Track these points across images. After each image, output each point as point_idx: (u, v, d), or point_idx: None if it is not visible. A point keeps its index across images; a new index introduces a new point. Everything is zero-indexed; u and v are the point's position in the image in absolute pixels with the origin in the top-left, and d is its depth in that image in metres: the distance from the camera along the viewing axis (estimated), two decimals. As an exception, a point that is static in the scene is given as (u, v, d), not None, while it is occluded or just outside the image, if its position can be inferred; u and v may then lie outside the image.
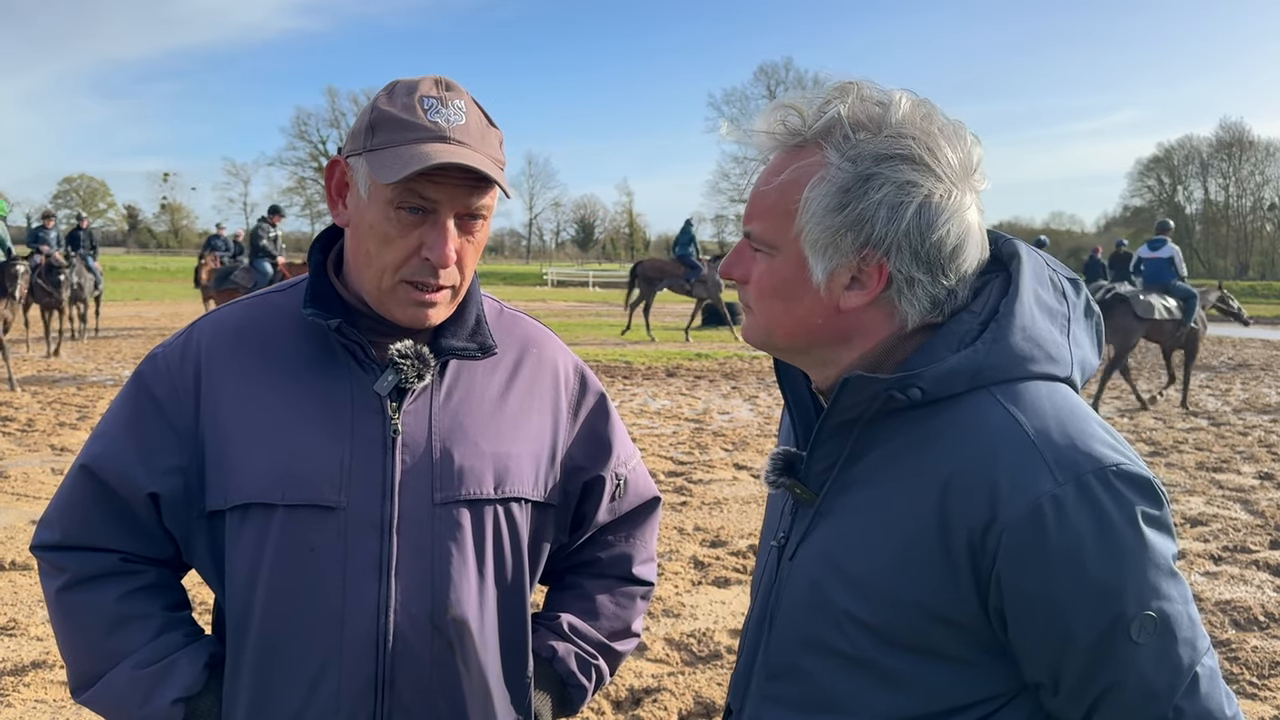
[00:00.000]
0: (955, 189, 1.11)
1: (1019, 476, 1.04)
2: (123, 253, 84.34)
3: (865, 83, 1.14)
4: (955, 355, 1.10)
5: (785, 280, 1.16)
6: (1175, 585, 1.06)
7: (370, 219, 1.36)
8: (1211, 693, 1.07)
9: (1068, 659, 1.06)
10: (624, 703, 4.13)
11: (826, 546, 1.16)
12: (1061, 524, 1.02)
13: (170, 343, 1.48)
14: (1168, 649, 1.05)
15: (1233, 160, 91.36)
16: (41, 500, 7.02)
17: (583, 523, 1.63)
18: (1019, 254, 1.19)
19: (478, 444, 1.45)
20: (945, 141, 1.12)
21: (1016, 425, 1.07)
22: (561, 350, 1.62)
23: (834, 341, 1.17)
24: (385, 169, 1.31)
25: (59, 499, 1.47)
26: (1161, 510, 1.06)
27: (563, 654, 1.59)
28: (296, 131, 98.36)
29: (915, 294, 1.13)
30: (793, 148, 1.15)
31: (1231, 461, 9.42)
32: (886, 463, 1.13)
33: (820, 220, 1.11)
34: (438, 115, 1.35)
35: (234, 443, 1.39)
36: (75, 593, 1.44)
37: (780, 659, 1.21)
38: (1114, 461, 1.05)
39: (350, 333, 1.40)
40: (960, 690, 1.11)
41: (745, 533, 6.65)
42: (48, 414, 10.51)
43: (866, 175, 1.09)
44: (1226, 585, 5.81)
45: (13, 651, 4.50)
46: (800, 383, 1.30)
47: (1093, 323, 1.23)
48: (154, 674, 1.41)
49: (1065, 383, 1.15)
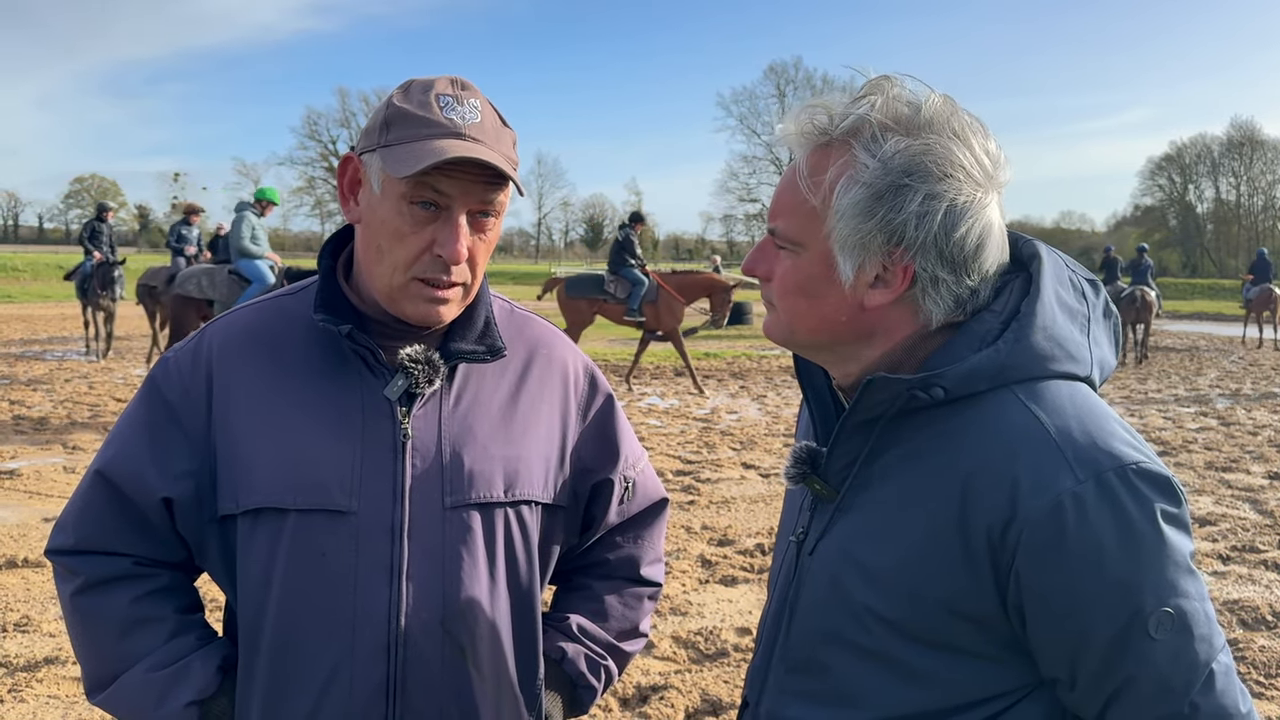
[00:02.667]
0: (980, 189, 1.13)
1: (1040, 474, 1.05)
2: (134, 252, 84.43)
3: (896, 80, 1.15)
4: (977, 354, 1.11)
5: (810, 277, 1.17)
6: (1193, 582, 1.07)
7: (383, 214, 1.37)
8: (1227, 689, 1.08)
9: (1085, 654, 1.07)
10: (631, 700, 4.14)
11: (846, 542, 1.17)
12: (1081, 521, 1.03)
13: (182, 347, 1.50)
14: (1185, 645, 1.06)
15: (1244, 159, 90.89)
16: (53, 498, 7.07)
17: (591, 524, 1.64)
18: (1039, 254, 1.20)
19: (487, 447, 1.46)
20: (972, 142, 1.13)
21: (1038, 423, 1.08)
22: (571, 351, 1.63)
23: (856, 339, 1.18)
24: (400, 163, 1.32)
25: (73, 504, 1.48)
26: (1180, 508, 1.07)
27: (572, 655, 1.60)
28: (307, 131, 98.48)
29: (939, 293, 1.14)
30: (821, 147, 1.15)
31: (1241, 461, 9.38)
32: (907, 460, 1.14)
33: (850, 222, 1.12)
34: (453, 112, 1.35)
35: (245, 447, 1.40)
36: (89, 596, 1.45)
37: (799, 652, 1.22)
38: (1134, 460, 1.06)
39: (360, 338, 1.40)
40: (977, 685, 1.12)
41: (753, 531, 6.66)
42: (59, 412, 10.57)
43: (899, 185, 1.10)
44: (1235, 585, 5.80)
45: (26, 648, 4.53)
46: (820, 379, 1.30)
47: (1111, 323, 1.24)
48: (168, 677, 1.42)
49: (1085, 382, 1.16)
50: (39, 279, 44.16)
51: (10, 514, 6.66)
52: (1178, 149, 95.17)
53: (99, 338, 15.94)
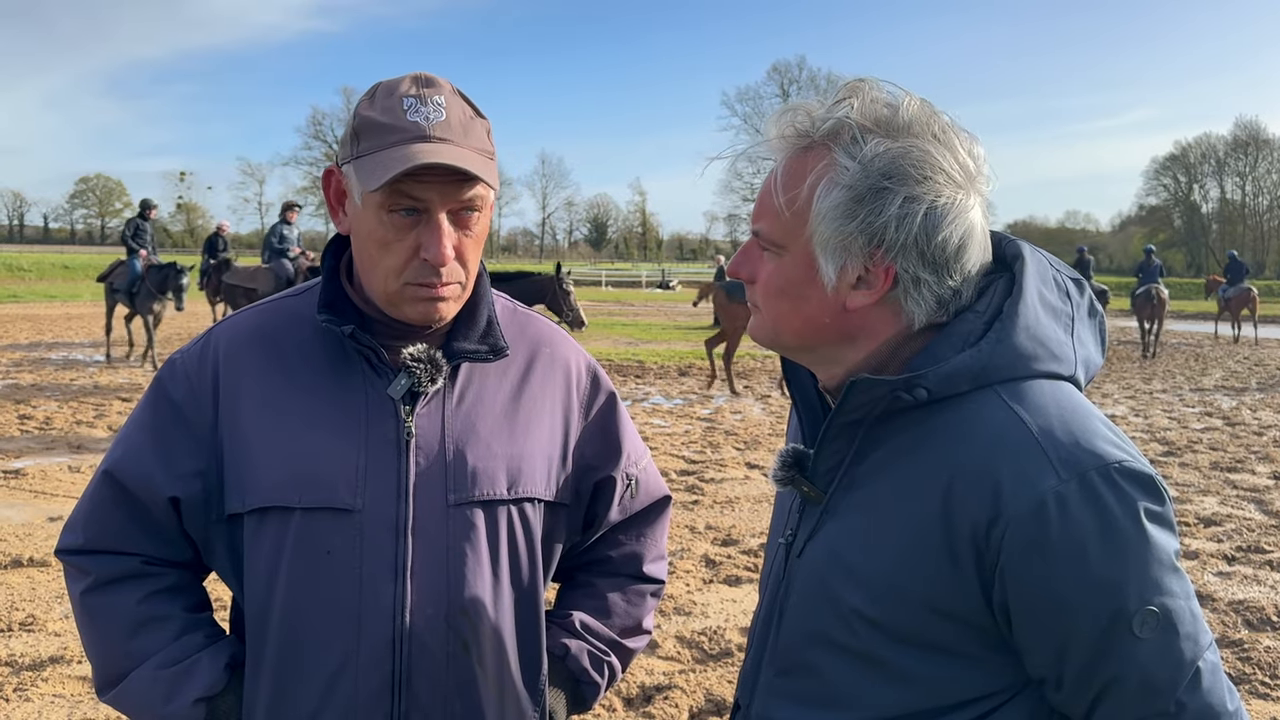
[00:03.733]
0: (961, 191, 1.13)
1: (1023, 473, 1.05)
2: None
3: (874, 83, 1.15)
4: (960, 355, 1.11)
5: (793, 280, 1.17)
6: (1177, 581, 1.07)
7: (367, 225, 1.37)
8: (1213, 687, 1.08)
9: (1071, 654, 1.07)
10: (635, 700, 4.15)
11: (833, 544, 1.18)
12: (1065, 520, 1.03)
13: (188, 348, 1.51)
14: (1170, 644, 1.06)
15: (1249, 159, 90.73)
16: (59, 498, 7.09)
17: (594, 522, 1.65)
18: (1022, 254, 1.20)
19: (490, 445, 1.46)
20: (954, 144, 1.13)
21: (1020, 423, 1.08)
22: (574, 349, 1.64)
23: (840, 340, 1.18)
24: (370, 175, 1.32)
25: (82, 504, 1.50)
26: (1164, 506, 1.07)
27: (575, 651, 1.61)
28: (312, 131, 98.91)
29: (921, 294, 1.14)
30: (801, 150, 1.16)
31: (1246, 461, 9.37)
32: (892, 461, 1.14)
33: (831, 224, 1.12)
34: (417, 114, 1.34)
35: (251, 446, 1.41)
36: (98, 595, 1.46)
37: (788, 655, 1.22)
38: (1117, 459, 1.06)
39: (363, 338, 1.41)
40: (965, 685, 1.12)
41: (757, 531, 6.66)
42: (65, 413, 10.60)
43: (879, 188, 1.10)
44: (1240, 585, 5.79)
45: (31, 647, 4.55)
46: (807, 382, 1.31)
47: (1096, 322, 1.24)
48: (176, 674, 1.44)
49: (1069, 381, 1.16)
50: (44, 278, 44.29)
51: (16, 513, 6.69)
52: (1183, 148, 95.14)
53: (149, 344, 14.58)
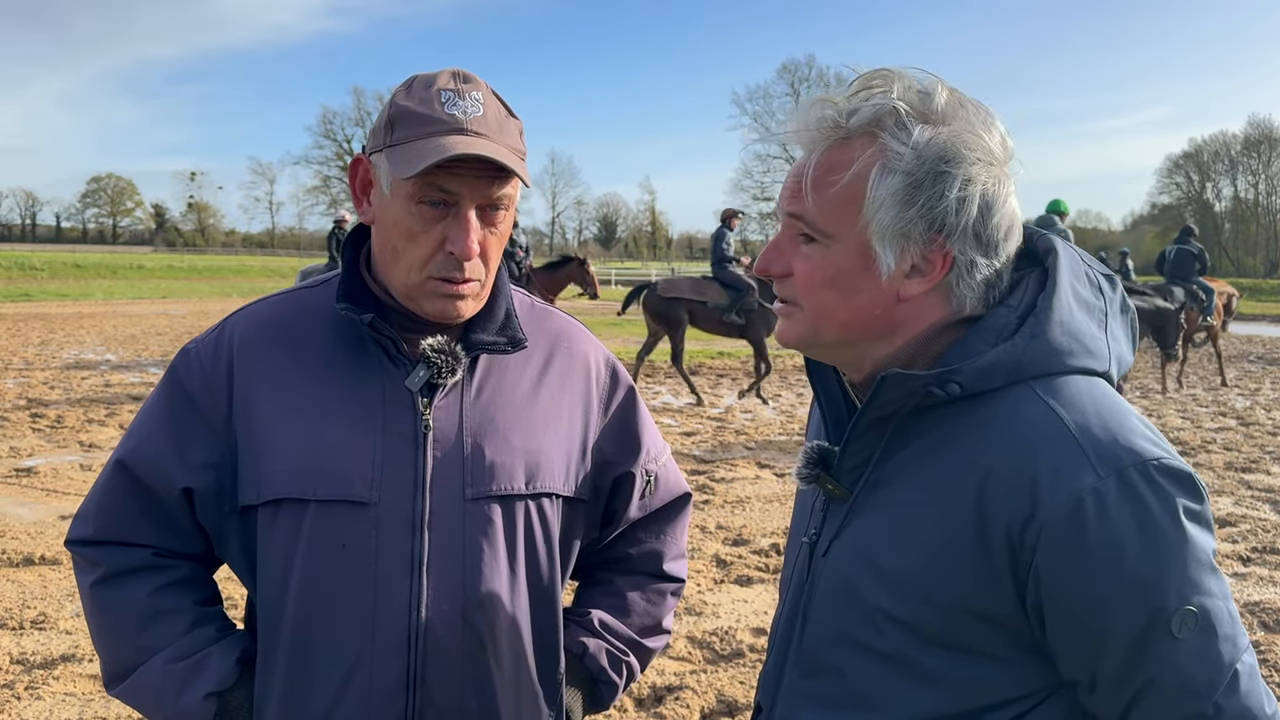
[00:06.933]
0: (1003, 172, 1.12)
1: (1060, 470, 1.02)
2: (150, 251, 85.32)
3: (901, 71, 1.13)
4: (993, 349, 1.09)
5: (844, 270, 1.13)
6: (1216, 581, 1.04)
7: (394, 215, 1.37)
8: (1252, 690, 1.06)
9: (1106, 655, 1.04)
10: (646, 700, 4.13)
11: (860, 543, 1.15)
12: (1103, 518, 1.01)
13: (203, 338, 1.49)
14: (1209, 645, 1.03)
15: (1262, 158, 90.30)
16: (70, 496, 7.10)
17: (613, 519, 1.62)
18: (1055, 248, 1.18)
19: (509, 439, 1.45)
20: (990, 125, 1.12)
21: (1057, 419, 1.06)
22: (593, 344, 1.62)
23: (883, 334, 1.16)
24: (404, 164, 1.32)
25: (94, 494, 1.48)
26: (1202, 505, 1.05)
27: (593, 650, 1.59)
28: (322, 130, 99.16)
29: (973, 278, 1.13)
30: (840, 140, 1.13)
31: (1261, 462, 9.31)
32: (922, 458, 1.12)
33: (891, 211, 1.09)
34: (455, 108, 1.35)
35: (266, 438, 1.40)
36: (108, 587, 1.45)
37: (813, 657, 1.20)
38: (1155, 456, 1.03)
39: (382, 328, 1.40)
40: (995, 688, 1.10)
41: (767, 531, 6.64)
42: (76, 411, 10.63)
43: (938, 172, 1.08)
44: (1255, 586, 5.75)
45: (42, 645, 4.55)
46: (831, 377, 1.28)
47: (1128, 319, 1.22)
48: (187, 668, 1.42)
49: (1103, 377, 1.14)
50: (56, 277, 44.52)
51: (27, 511, 6.70)
52: (1196, 147, 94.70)
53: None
